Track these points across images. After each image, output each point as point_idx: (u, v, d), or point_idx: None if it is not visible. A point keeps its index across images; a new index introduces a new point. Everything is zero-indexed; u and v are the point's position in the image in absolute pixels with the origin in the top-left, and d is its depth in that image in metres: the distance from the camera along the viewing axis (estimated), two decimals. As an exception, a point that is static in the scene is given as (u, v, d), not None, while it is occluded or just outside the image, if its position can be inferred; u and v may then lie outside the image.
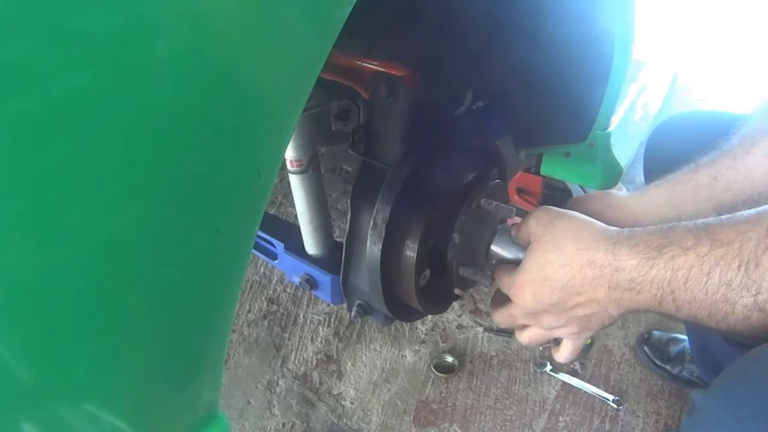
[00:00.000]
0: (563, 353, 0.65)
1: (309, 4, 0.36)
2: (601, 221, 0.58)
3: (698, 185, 0.66)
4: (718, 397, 0.49)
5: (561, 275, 0.55)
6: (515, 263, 0.63)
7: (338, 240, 0.86)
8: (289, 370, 1.29)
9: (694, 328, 1.10)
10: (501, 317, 0.65)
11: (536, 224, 0.60)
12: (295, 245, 0.90)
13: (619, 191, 1.62)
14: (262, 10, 0.33)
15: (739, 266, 0.43)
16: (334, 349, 1.33)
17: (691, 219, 0.50)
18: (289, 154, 0.78)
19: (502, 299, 0.65)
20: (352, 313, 0.81)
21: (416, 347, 1.32)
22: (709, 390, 0.50)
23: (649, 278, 0.48)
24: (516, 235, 0.66)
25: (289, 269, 0.92)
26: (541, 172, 1.07)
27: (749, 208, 0.47)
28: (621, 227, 0.55)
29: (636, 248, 0.50)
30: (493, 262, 0.72)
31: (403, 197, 0.67)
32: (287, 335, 1.36)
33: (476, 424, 1.17)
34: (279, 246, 0.92)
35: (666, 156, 0.93)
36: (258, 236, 0.94)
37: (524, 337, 0.64)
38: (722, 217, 0.47)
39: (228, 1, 0.31)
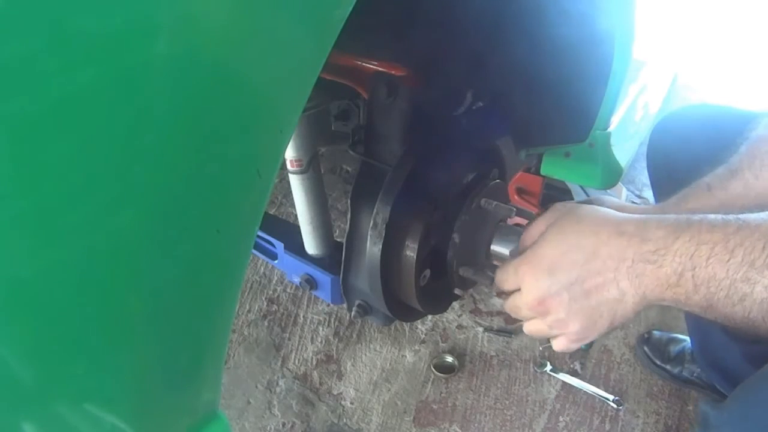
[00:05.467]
0: (559, 343, 0.60)
1: (308, 5, 0.36)
2: None
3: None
4: (735, 417, 0.48)
5: (586, 243, 0.53)
6: None
7: (338, 240, 0.86)
8: (289, 370, 1.29)
9: (697, 324, 1.10)
10: (508, 305, 0.61)
11: (561, 206, 0.59)
12: (295, 245, 0.90)
13: (621, 192, 1.62)
14: (261, 10, 0.33)
15: (764, 247, 0.43)
16: (334, 349, 1.33)
17: None
18: (289, 154, 0.78)
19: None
20: (352, 313, 0.81)
21: (416, 347, 1.32)
22: (724, 407, 0.50)
23: (672, 250, 0.48)
24: (528, 228, 0.63)
25: (289, 269, 0.92)
26: (541, 172, 1.07)
27: None
28: None
29: (664, 221, 0.50)
30: (494, 262, 0.71)
31: (403, 197, 0.67)
32: (287, 335, 1.36)
33: (476, 424, 1.16)
34: (279, 246, 0.92)
35: (670, 147, 0.93)
36: (258, 236, 0.94)
37: (527, 327, 0.61)
38: (753, 212, 0.48)
39: (227, 1, 0.31)
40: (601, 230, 0.53)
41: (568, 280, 0.53)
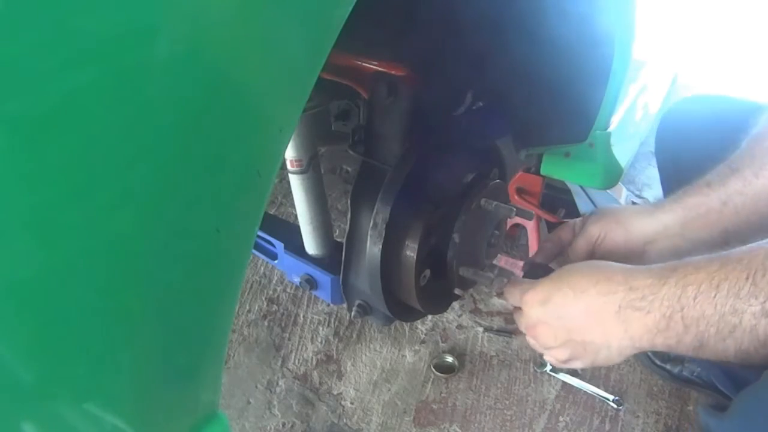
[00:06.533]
0: (548, 357, 0.67)
1: (308, 5, 0.36)
2: (610, 239, 0.68)
3: (709, 211, 0.67)
4: (736, 426, 0.49)
5: (577, 283, 0.57)
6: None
7: (338, 240, 0.86)
8: (289, 370, 1.29)
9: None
10: (515, 316, 0.67)
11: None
12: (295, 245, 0.90)
13: (621, 192, 1.62)
14: (261, 10, 0.33)
15: (747, 277, 0.45)
16: (334, 349, 1.33)
17: (698, 242, 0.56)
18: (289, 154, 0.78)
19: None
20: (352, 313, 0.81)
21: (416, 347, 1.32)
22: (725, 416, 0.50)
23: (660, 296, 0.50)
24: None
25: (289, 269, 0.92)
26: (541, 172, 1.07)
27: (754, 232, 0.51)
28: (630, 248, 0.65)
29: (651, 271, 0.52)
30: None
31: (403, 197, 0.67)
32: (287, 335, 1.36)
33: (476, 424, 1.16)
34: (279, 246, 0.92)
35: (677, 138, 0.94)
36: (258, 236, 0.94)
37: (527, 339, 0.66)
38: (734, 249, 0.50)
39: (227, 1, 0.31)
40: (591, 273, 0.57)
41: (557, 315, 0.59)
